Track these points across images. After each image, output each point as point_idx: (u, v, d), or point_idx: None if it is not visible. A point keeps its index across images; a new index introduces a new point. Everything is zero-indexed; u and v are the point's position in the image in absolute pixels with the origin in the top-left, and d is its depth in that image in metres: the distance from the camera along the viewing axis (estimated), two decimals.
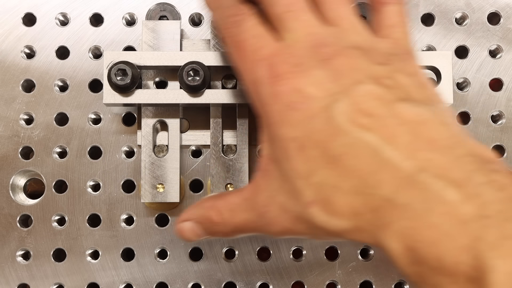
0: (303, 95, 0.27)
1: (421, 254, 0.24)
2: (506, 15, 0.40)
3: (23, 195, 0.40)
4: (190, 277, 0.39)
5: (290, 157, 0.27)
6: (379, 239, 0.25)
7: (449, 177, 0.24)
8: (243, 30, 0.30)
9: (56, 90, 0.39)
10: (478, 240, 0.22)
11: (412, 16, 0.40)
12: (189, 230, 0.32)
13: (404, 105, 0.27)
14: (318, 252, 0.39)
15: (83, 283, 0.39)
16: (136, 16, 0.40)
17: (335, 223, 0.27)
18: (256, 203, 0.30)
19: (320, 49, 0.29)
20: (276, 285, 0.39)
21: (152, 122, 0.37)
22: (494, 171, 0.24)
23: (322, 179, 0.26)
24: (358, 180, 0.26)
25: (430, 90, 0.29)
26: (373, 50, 0.29)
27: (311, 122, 0.27)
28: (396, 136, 0.25)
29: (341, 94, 0.27)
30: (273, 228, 0.30)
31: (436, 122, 0.26)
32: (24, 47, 0.39)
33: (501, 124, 0.40)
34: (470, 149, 0.25)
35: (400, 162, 0.25)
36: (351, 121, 0.26)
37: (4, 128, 0.39)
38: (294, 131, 0.27)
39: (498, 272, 0.21)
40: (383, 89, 0.27)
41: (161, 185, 0.37)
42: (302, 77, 0.28)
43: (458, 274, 0.22)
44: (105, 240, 0.39)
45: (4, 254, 0.39)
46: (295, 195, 0.28)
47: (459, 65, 0.40)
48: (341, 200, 0.26)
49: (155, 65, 0.35)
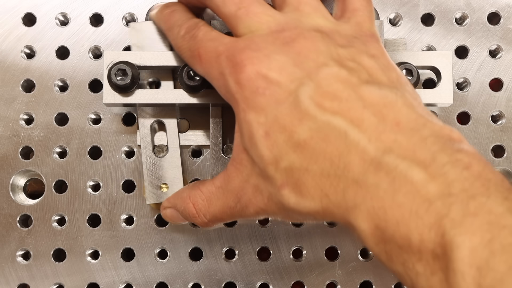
0: (267, 80, 0.27)
1: (388, 233, 0.24)
2: (506, 15, 0.40)
3: (23, 195, 0.40)
4: (190, 277, 0.39)
5: (257, 144, 0.28)
6: (349, 219, 0.26)
7: (414, 158, 0.24)
8: (199, 40, 0.31)
9: (56, 90, 0.39)
10: (443, 218, 0.22)
11: (412, 16, 0.40)
12: (171, 216, 0.35)
13: (369, 88, 0.27)
14: (318, 252, 0.39)
15: (83, 283, 0.39)
16: (136, 16, 0.40)
17: (306, 205, 0.27)
18: (228, 190, 0.31)
19: (280, 34, 0.29)
20: (276, 285, 0.39)
21: (150, 122, 0.37)
22: (459, 150, 0.25)
23: (291, 163, 0.27)
24: (326, 162, 0.26)
25: (395, 72, 0.29)
26: (336, 33, 0.29)
27: (277, 107, 0.27)
28: (362, 119, 0.26)
29: (306, 78, 0.27)
30: (249, 210, 0.30)
31: (401, 104, 0.27)
32: (24, 47, 0.39)
33: (501, 124, 0.40)
34: (435, 130, 0.26)
35: (367, 144, 0.25)
36: (317, 105, 0.26)
37: (4, 128, 0.39)
38: (261, 117, 0.28)
39: (462, 248, 0.21)
40: (347, 72, 0.27)
41: (165, 185, 0.37)
42: (263, 61, 0.28)
43: (424, 251, 0.23)
44: (105, 240, 0.39)
45: (4, 254, 0.39)
46: (266, 178, 0.28)
47: (459, 65, 0.40)
48: (310, 182, 0.27)
49: (155, 65, 0.35)
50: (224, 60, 0.29)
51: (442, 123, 0.27)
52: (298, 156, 0.27)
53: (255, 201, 0.30)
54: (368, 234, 0.25)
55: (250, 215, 0.31)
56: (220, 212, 0.32)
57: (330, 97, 0.26)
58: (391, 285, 0.39)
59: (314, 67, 0.27)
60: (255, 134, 0.28)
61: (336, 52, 0.28)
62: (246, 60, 0.28)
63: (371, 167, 0.25)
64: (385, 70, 0.28)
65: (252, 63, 0.28)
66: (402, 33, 0.40)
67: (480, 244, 0.21)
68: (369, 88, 0.27)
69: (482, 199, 0.22)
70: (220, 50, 0.30)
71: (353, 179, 0.25)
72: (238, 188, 0.30)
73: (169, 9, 0.34)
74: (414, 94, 0.28)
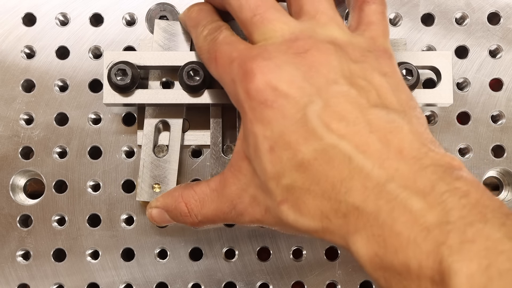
0: (277, 93, 0.27)
1: (387, 260, 0.24)
2: (506, 15, 0.40)
3: (23, 195, 0.40)
4: (190, 277, 0.39)
5: (261, 157, 0.28)
6: (348, 243, 0.26)
7: (414, 187, 0.24)
8: (218, 43, 0.31)
9: (56, 90, 0.39)
10: (441, 245, 0.22)
11: (412, 16, 0.40)
12: (157, 216, 0.34)
13: (377, 111, 0.27)
14: (318, 252, 0.39)
15: (83, 283, 0.39)
16: (136, 16, 0.40)
17: (304, 223, 0.27)
18: (224, 195, 0.31)
19: (293, 43, 0.29)
20: (276, 285, 0.39)
21: (155, 122, 0.37)
22: (458, 178, 0.25)
23: (293, 181, 0.27)
24: (328, 185, 0.26)
25: (405, 93, 0.29)
26: (349, 45, 0.29)
27: (284, 122, 0.27)
28: (368, 144, 0.26)
29: (315, 96, 0.27)
30: (244, 218, 0.30)
31: (407, 130, 0.27)
32: (24, 47, 0.39)
33: (501, 124, 0.40)
34: (436, 159, 0.26)
35: (370, 171, 0.25)
36: (325, 125, 0.26)
37: (4, 128, 0.39)
38: (267, 130, 0.27)
39: (459, 275, 0.21)
40: (357, 92, 0.27)
41: (157, 185, 0.37)
42: (274, 72, 0.28)
43: (423, 278, 0.23)
44: (105, 240, 0.39)
45: (4, 254, 0.39)
46: (266, 191, 0.28)
47: (459, 65, 0.40)
48: (311, 202, 0.27)
49: (155, 65, 0.35)
50: (236, 67, 0.29)
51: (443, 151, 0.27)
52: (301, 175, 0.27)
53: (252, 211, 0.30)
54: (366, 260, 0.25)
55: (245, 223, 0.31)
56: (213, 215, 0.31)
57: (338, 118, 0.26)
58: None
59: (325, 83, 0.27)
60: (260, 147, 0.28)
61: (348, 68, 0.28)
62: (257, 69, 0.28)
63: (372, 195, 0.25)
64: (396, 91, 0.28)
65: (262, 72, 0.28)
66: (402, 33, 0.40)
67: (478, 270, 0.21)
68: (377, 111, 0.27)
69: (479, 225, 0.22)
70: (233, 56, 0.29)
71: (354, 205, 0.25)
72: (234, 195, 0.30)
73: (197, 7, 0.34)
74: (421, 119, 0.28)
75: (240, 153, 0.30)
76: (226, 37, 0.31)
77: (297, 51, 0.28)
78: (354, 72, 0.28)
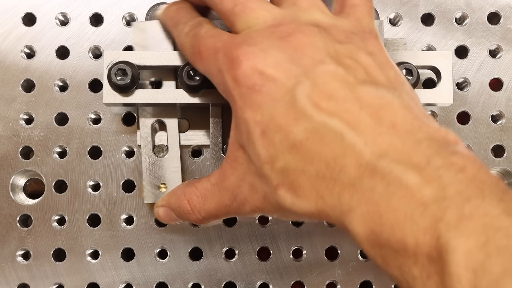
0: (264, 77, 0.27)
1: (383, 237, 0.24)
2: (506, 15, 0.40)
3: (23, 195, 0.40)
4: (190, 277, 0.39)
5: (254, 142, 0.28)
6: (344, 222, 0.26)
7: (409, 162, 0.24)
8: (200, 37, 0.31)
9: (56, 90, 0.39)
10: (438, 221, 0.22)
11: (412, 16, 0.40)
12: (164, 215, 0.35)
13: (366, 88, 0.27)
14: (318, 252, 0.39)
15: (83, 283, 0.39)
16: (136, 16, 0.40)
17: (301, 206, 0.27)
18: (224, 188, 0.31)
19: (277, 28, 0.29)
20: (276, 285, 0.39)
21: (150, 122, 0.37)
22: (454, 153, 0.24)
23: (286, 163, 0.27)
24: (322, 164, 0.26)
25: (393, 70, 0.29)
26: (333, 28, 0.29)
27: (273, 105, 0.27)
28: (359, 120, 0.26)
29: (302, 76, 0.27)
30: (245, 208, 0.30)
31: (398, 105, 0.26)
32: (24, 47, 0.39)
33: (501, 124, 0.40)
34: (431, 133, 0.25)
35: (363, 147, 0.25)
36: (314, 105, 0.26)
37: (4, 128, 0.39)
38: (257, 115, 0.27)
39: (457, 251, 0.21)
40: (344, 70, 0.27)
41: (163, 185, 0.37)
42: (259, 57, 0.28)
43: (420, 255, 0.23)
44: (105, 240, 0.39)
45: (4, 254, 0.39)
46: (263, 177, 0.28)
47: (459, 65, 0.40)
48: (306, 183, 0.26)
49: (155, 65, 0.35)
50: (222, 56, 0.29)
51: (438, 125, 0.26)
52: (294, 157, 0.26)
53: (251, 200, 0.30)
54: (363, 238, 0.25)
55: (247, 213, 0.31)
56: (215, 209, 0.31)
57: (327, 96, 0.26)
58: (391, 285, 0.39)
59: (311, 64, 0.27)
60: (252, 133, 0.28)
61: (333, 48, 0.28)
62: (242, 55, 0.28)
63: (366, 171, 0.25)
64: (383, 68, 0.28)
65: (248, 58, 0.28)
66: (402, 33, 0.40)
67: (475, 246, 0.21)
68: (366, 88, 0.27)
69: (477, 201, 0.22)
70: (218, 46, 0.30)
71: (349, 182, 0.25)
72: (233, 186, 0.30)
73: (175, 6, 0.35)
74: (411, 94, 0.28)
75: (235, 143, 0.30)
76: (208, 31, 0.31)
77: (281, 35, 0.28)
78: (339, 52, 0.28)
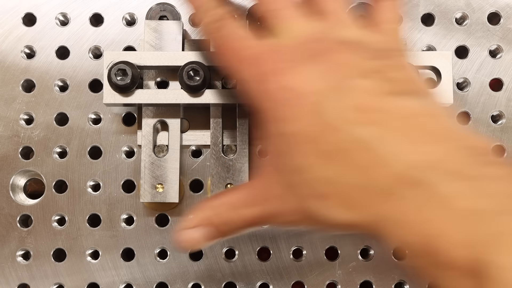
0: (294, 92, 0.27)
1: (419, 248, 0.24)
2: (506, 15, 0.40)
3: (23, 195, 0.40)
4: (190, 277, 0.39)
5: (284, 153, 0.28)
6: (378, 233, 0.25)
7: (444, 171, 0.24)
8: (224, 35, 0.31)
9: (56, 90, 0.39)
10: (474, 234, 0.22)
11: (412, 16, 0.40)
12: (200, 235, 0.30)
13: (395, 98, 0.27)
14: (318, 252, 0.39)
15: (83, 283, 0.39)
16: (136, 16, 0.40)
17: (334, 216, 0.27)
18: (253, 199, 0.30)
19: (308, 45, 0.29)
20: (276, 285, 0.39)
21: (153, 122, 0.37)
22: (489, 163, 0.24)
23: (317, 174, 0.27)
24: (354, 176, 0.26)
25: (420, 84, 0.29)
26: (362, 45, 0.29)
27: (303, 118, 0.27)
28: (390, 130, 0.25)
29: (333, 90, 0.27)
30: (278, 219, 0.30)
31: (428, 114, 0.26)
32: (24, 47, 0.39)
33: (501, 124, 0.40)
34: (464, 141, 0.25)
35: (396, 156, 0.25)
36: (344, 117, 0.26)
37: (4, 128, 0.39)
38: (287, 127, 0.27)
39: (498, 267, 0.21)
40: (373, 82, 0.27)
41: (160, 185, 0.37)
42: (291, 74, 0.28)
43: (456, 268, 0.22)
44: (105, 240, 0.39)
45: (4, 254, 0.39)
46: (293, 189, 0.28)
47: (459, 65, 0.40)
48: (337, 195, 0.26)
49: (155, 65, 0.35)
50: (249, 66, 0.29)
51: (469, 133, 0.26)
52: (325, 167, 0.26)
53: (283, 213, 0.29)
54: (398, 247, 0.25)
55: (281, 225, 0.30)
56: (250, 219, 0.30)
57: (356, 108, 0.26)
58: (391, 285, 0.39)
59: (341, 79, 0.27)
60: (282, 144, 0.28)
61: (362, 65, 0.28)
62: (275, 71, 0.28)
63: (400, 181, 0.24)
64: (410, 81, 0.28)
65: (281, 73, 0.28)
66: (402, 33, 0.40)
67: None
68: (394, 98, 0.27)
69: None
70: (245, 55, 0.29)
71: (382, 192, 0.25)
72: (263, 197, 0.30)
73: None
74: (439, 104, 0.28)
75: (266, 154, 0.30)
76: (231, 31, 0.30)
77: (310, 52, 0.28)
78: (369, 67, 0.28)
